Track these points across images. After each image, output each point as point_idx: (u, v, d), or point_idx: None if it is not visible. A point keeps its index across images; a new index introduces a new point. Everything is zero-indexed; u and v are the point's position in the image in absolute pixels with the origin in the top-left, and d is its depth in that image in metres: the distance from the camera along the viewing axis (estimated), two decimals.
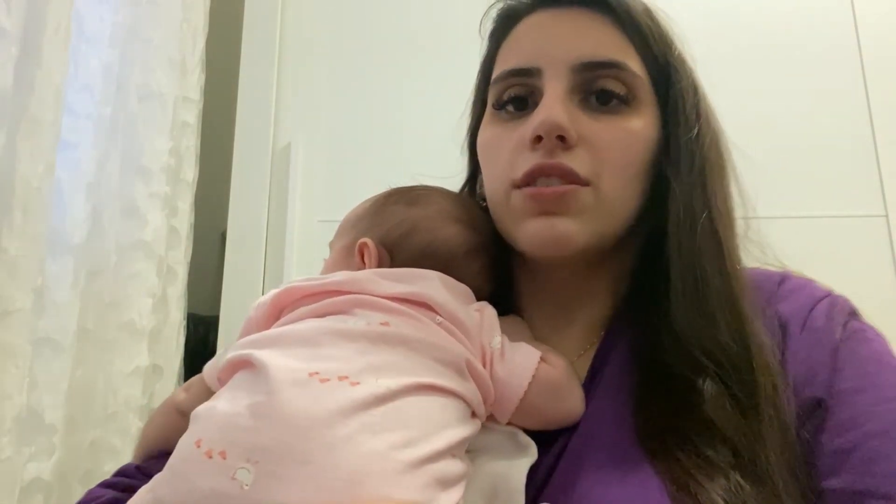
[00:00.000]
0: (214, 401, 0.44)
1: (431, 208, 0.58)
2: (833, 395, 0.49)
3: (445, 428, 0.44)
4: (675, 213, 0.54)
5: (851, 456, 0.45)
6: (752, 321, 0.52)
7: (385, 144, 1.42)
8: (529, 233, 0.54)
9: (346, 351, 0.45)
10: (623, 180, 0.55)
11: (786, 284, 0.58)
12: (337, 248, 0.60)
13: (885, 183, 1.30)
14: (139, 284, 1.17)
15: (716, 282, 0.53)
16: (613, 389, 0.53)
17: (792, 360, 0.51)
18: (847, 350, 0.51)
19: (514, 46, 0.60)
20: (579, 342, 0.59)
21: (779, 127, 1.36)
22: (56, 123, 0.93)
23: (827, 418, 0.48)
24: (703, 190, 0.55)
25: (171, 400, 0.58)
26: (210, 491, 0.38)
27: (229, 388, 0.45)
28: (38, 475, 0.92)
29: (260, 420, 0.40)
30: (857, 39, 1.37)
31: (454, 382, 0.46)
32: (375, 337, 0.46)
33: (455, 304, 0.51)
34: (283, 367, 0.43)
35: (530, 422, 0.51)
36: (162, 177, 1.23)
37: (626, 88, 0.55)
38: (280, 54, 1.49)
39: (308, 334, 0.47)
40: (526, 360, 0.51)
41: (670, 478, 0.45)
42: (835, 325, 0.53)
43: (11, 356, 0.86)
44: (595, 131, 0.54)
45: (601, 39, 0.56)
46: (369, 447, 0.40)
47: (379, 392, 0.42)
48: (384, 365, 0.44)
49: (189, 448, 0.41)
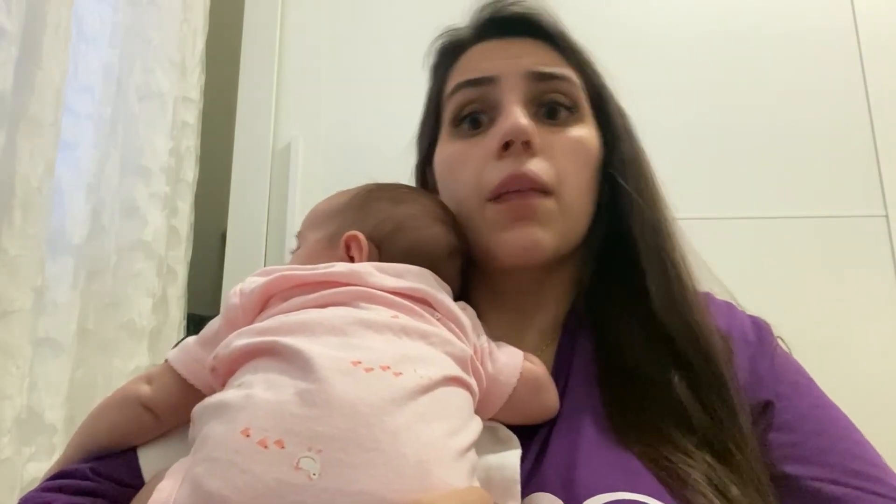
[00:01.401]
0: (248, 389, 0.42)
1: (417, 207, 0.59)
2: (778, 397, 0.56)
3: (471, 419, 0.45)
4: (636, 219, 0.60)
5: (798, 449, 0.53)
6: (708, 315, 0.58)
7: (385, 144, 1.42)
8: (507, 243, 0.57)
9: (376, 342, 0.45)
10: (580, 187, 0.60)
11: (714, 302, 0.64)
12: (314, 239, 0.59)
13: (885, 183, 1.30)
14: (139, 284, 1.17)
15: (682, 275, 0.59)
16: (584, 385, 0.56)
17: (741, 365, 0.57)
18: (780, 362, 0.59)
19: (465, 66, 0.65)
20: (537, 342, 0.62)
21: (779, 127, 1.36)
22: (56, 123, 0.93)
23: (775, 417, 0.55)
24: (652, 194, 0.62)
25: (130, 393, 0.51)
26: (275, 482, 0.36)
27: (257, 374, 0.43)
28: (38, 475, 0.92)
29: (315, 408, 0.39)
30: (857, 39, 1.37)
31: (466, 377, 0.47)
32: (398, 329, 0.46)
33: (451, 302, 0.52)
34: (323, 354, 0.42)
35: (513, 417, 0.52)
36: (162, 177, 1.23)
37: (572, 101, 0.61)
38: (280, 54, 1.49)
39: (333, 322, 0.45)
40: (512, 358, 0.53)
41: (655, 464, 0.48)
42: (766, 341, 0.60)
43: (11, 356, 0.85)
44: (551, 142, 0.59)
45: (546, 58, 0.62)
46: (427, 435, 0.40)
47: (422, 382, 0.42)
48: (413, 357, 0.44)
49: (236, 438, 0.38)
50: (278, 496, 0.36)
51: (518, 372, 0.52)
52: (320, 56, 1.49)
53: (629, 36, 1.38)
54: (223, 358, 0.46)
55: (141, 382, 0.52)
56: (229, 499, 0.36)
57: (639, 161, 0.63)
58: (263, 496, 0.36)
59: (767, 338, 0.61)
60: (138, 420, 0.51)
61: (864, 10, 1.39)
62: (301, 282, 0.50)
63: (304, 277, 0.50)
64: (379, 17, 1.51)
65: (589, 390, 0.55)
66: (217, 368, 0.46)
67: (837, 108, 1.35)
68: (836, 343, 1.22)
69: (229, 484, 0.37)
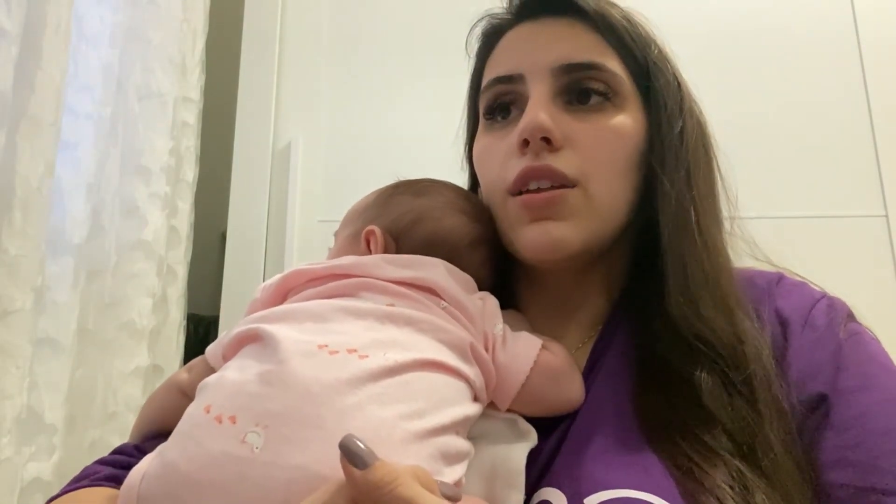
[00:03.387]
0: (223, 371, 0.45)
1: (438, 199, 0.60)
2: (837, 391, 0.49)
3: (450, 405, 0.45)
4: (664, 210, 0.56)
5: (855, 452, 0.46)
6: (739, 313, 0.53)
7: (385, 144, 1.42)
8: (526, 239, 0.56)
9: (354, 327, 0.46)
10: (611, 179, 0.56)
11: (782, 283, 0.59)
12: (342, 237, 0.61)
13: (885, 183, 1.30)
14: (139, 284, 1.17)
15: (703, 275, 0.54)
16: (613, 378, 0.54)
17: (795, 354, 0.52)
18: (849, 350, 0.52)
19: (499, 58, 0.63)
20: (578, 336, 0.61)
21: (779, 127, 1.36)
22: (56, 123, 0.93)
23: (831, 414, 0.48)
24: (688, 185, 0.57)
25: (173, 380, 0.57)
26: (220, 453, 0.39)
27: (238, 359, 0.46)
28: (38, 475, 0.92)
29: (270, 387, 0.41)
30: (857, 39, 1.37)
31: (458, 363, 0.47)
32: (382, 315, 0.47)
33: (459, 291, 0.52)
34: (292, 338, 0.44)
35: (531, 408, 0.52)
36: (162, 177, 1.23)
37: (607, 86, 0.57)
38: (280, 54, 1.49)
39: (317, 310, 0.48)
40: (527, 348, 0.52)
41: (673, 463, 0.46)
42: (835, 324, 0.54)
43: (11, 356, 0.85)
44: (579, 131, 0.56)
45: (579, 44, 0.58)
46: (378, 416, 0.41)
47: (387, 365, 0.43)
48: (391, 341, 0.46)
49: (198, 414, 0.42)
50: (222, 466, 0.39)
51: (532, 361, 0.51)
52: (320, 56, 1.49)
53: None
54: (226, 345, 0.49)
55: (183, 371, 0.57)
56: (181, 467, 0.40)
57: (682, 148, 0.58)
58: (208, 466, 0.39)
59: (838, 320, 0.54)
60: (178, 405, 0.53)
61: (864, 11, 1.39)
62: (313, 276, 0.53)
63: (315, 272, 0.53)
64: (379, 17, 1.51)
65: (618, 385, 0.53)
66: (225, 355, 0.49)
67: (837, 108, 1.35)
68: None
69: (183, 454, 0.41)
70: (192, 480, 0.39)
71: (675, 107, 0.59)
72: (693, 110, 0.62)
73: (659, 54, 0.61)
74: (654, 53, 0.61)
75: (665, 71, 0.60)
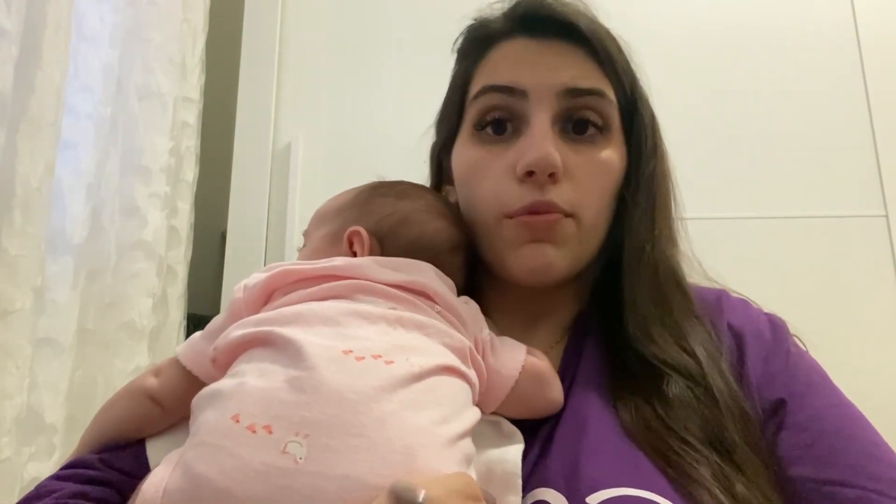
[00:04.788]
0: (241, 378, 0.43)
1: (420, 202, 0.59)
2: (792, 396, 0.54)
3: (466, 409, 0.46)
4: (629, 237, 0.60)
5: (813, 449, 0.51)
6: (694, 329, 0.58)
7: (385, 144, 1.42)
8: (521, 259, 0.57)
9: (368, 331, 0.46)
10: (599, 210, 0.59)
11: (728, 300, 0.63)
12: (318, 236, 0.60)
13: (885, 183, 1.30)
14: (139, 284, 1.17)
15: (656, 300, 0.58)
16: (589, 383, 0.56)
17: (752, 365, 0.57)
18: (795, 360, 0.58)
19: (496, 66, 0.62)
20: (546, 340, 0.62)
21: (779, 127, 1.36)
22: (56, 123, 0.93)
23: (787, 416, 0.53)
24: (651, 219, 0.61)
25: (138, 385, 0.53)
26: (262, 465, 0.37)
27: (252, 364, 0.44)
28: (38, 475, 0.92)
29: (304, 394, 0.40)
30: (857, 39, 1.37)
31: (464, 367, 0.47)
32: (393, 320, 0.47)
33: (450, 295, 0.52)
34: (315, 343, 0.43)
35: (516, 411, 0.52)
36: (162, 177, 1.23)
37: (602, 119, 0.59)
38: (280, 54, 1.49)
39: (328, 313, 0.47)
40: (515, 352, 0.53)
41: (662, 459, 0.48)
42: (781, 338, 0.59)
43: (11, 356, 0.85)
44: (577, 165, 0.57)
45: (584, 70, 0.60)
46: (415, 422, 0.40)
47: (413, 371, 0.43)
48: (408, 346, 0.45)
49: (226, 423, 0.39)
50: (265, 479, 0.37)
51: (520, 365, 0.52)
52: (320, 56, 1.49)
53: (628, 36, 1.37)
54: (223, 348, 0.47)
55: (149, 375, 0.53)
56: (216, 481, 0.37)
57: (653, 184, 0.61)
58: (250, 479, 0.37)
59: (782, 335, 0.60)
60: (145, 412, 0.52)
61: (864, 10, 1.39)
62: (302, 276, 0.51)
63: (305, 272, 0.51)
64: (379, 17, 1.51)
65: (596, 387, 0.55)
66: (217, 359, 0.48)
67: (837, 108, 1.35)
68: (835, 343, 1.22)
69: (217, 467, 0.38)
70: (228, 495, 0.37)
71: (651, 145, 0.62)
72: (663, 150, 0.64)
73: (641, 89, 0.63)
74: (639, 88, 0.63)
75: (646, 107, 0.63)
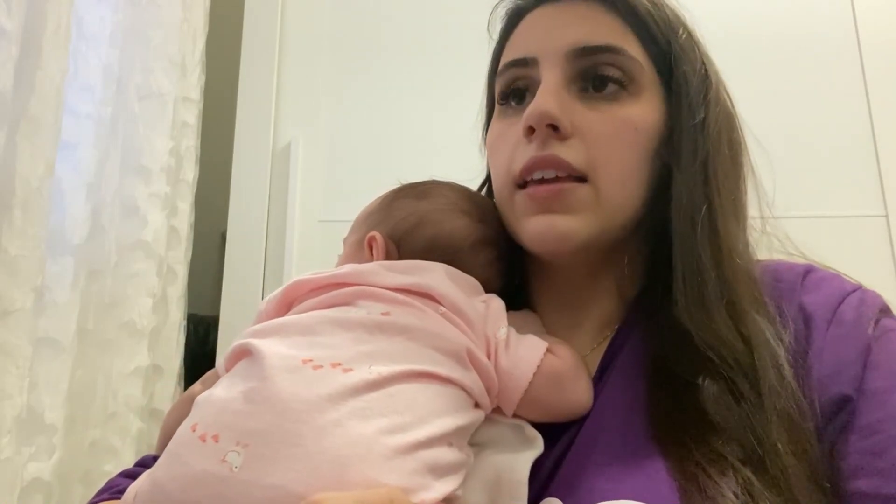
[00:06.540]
0: (213, 388, 0.46)
1: (439, 201, 0.59)
2: (863, 393, 0.46)
3: (441, 415, 0.44)
4: (676, 208, 0.53)
5: (881, 459, 0.43)
6: (754, 317, 0.50)
7: (385, 144, 1.42)
8: (530, 231, 0.54)
9: (341, 339, 0.46)
10: (621, 173, 0.54)
11: (810, 276, 0.55)
12: (349, 244, 0.61)
13: (885, 183, 1.30)
14: (139, 284, 1.17)
15: (712, 277, 0.51)
16: (624, 384, 0.52)
17: (818, 354, 0.49)
18: (879, 348, 0.48)
19: (515, 41, 0.61)
20: (592, 337, 0.59)
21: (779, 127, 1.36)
22: (56, 123, 0.93)
23: (855, 417, 0.45)
24: (704, 181, 0.54)
25: (189, 393, 0.57)
26: (202, 472, 0.39)
27: (229, 376, 0.46)
28: (38, 475, 0.92)
29: (252, 405, 0.41)
30: (857, 39, 1.37)
31: (454, 371, 0.46)
32: (372, 326, 0.47)
33: (459, 295, 0.51)
34: (277, 354, 0.44)
35: (536, 414, 0.51)
36: (162, 177, 1.23)
37: (624, 73, 0.54)
38: (280, 54, 1.49)
39: (306, 323, 0.48)
40: (531, 352, 0.51)
41: (680, 471, 0.44)
42: (865, 320, 0.50)
43: (11, 356, 0.85)
44: (590, 121, 0.53)
45: (597, 26, 0.56)
46: (358, 432, 0.40)
47: (370, 378, 0.43)
48: (378, 353, 0.45)
49: (185, 432, 0.43)
50: (203, 486, 0.39)
51: (534, 366, 0.50)
52: (320, 56, 1.49)
53: None
54: (226, 359, 0.49)
55: (198, 384, 0.57)
56: (166, 486, 0.41)
57: (702, 138, 0.54)
58: (191, 486, 0.40)
59: (868, 316, 0.50)
60: None
61: (864, 10, 1.38)
62: (314, 286, 0.53)
63: (315, 281, 0.53)
64: (379, 17, 1.51)
65: (630, 389, 0.51)
66: (227, 369, 0.49)
67: (837, 108, 1.35)
68: None
69: (168, 473, 0.41)
70: (174, 500, 0.40)
71: (697, 95, 0.55)
72: (720, 99, 0.58)
73: (687, 39, 0.57)
74: (682, 38, 0.57)
75: (692, 57, 0.57)
